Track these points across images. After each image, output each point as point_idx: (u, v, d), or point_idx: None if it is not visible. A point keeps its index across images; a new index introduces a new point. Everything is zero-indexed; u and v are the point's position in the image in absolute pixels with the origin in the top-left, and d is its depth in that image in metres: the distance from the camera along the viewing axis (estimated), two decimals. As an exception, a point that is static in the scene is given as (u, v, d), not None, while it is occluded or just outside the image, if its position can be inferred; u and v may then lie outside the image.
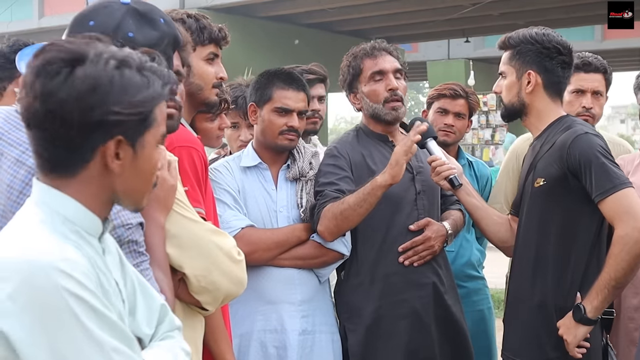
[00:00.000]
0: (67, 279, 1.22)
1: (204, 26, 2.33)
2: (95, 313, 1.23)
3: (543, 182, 2.61)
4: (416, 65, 23.66)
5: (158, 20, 1.69)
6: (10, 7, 17.05)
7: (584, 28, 19.54)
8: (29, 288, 1.20)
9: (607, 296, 2.47)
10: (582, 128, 2.62)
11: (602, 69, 3.37)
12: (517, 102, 2.72)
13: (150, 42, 1.64)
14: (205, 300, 1.86)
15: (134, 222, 1.60)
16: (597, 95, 3.36)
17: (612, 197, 2.46)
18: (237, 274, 1.88)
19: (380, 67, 2.91)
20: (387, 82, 2.90)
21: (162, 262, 1.68)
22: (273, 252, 2.78)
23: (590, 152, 2.52)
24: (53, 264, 1.22)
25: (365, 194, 2.68)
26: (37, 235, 1.27)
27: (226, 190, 2.77)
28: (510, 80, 2.73)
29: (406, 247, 2.83)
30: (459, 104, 3.55)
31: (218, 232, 1.89)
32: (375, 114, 2.92)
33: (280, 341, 2.78)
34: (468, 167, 3.61)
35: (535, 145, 2.73)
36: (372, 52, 2.93)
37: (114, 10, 1.65)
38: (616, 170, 2.52)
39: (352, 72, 2.95)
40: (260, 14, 15.91)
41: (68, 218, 1.31)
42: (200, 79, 2.31)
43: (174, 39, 1.72)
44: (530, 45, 2.70)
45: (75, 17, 1.68)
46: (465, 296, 3.35)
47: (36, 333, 1.19)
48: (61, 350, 1.20)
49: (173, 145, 2.03)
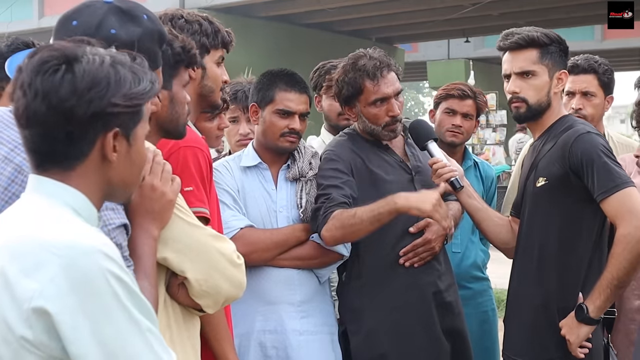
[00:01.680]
0: (110, 262, 1.26)
1: (217, 30, 2.35)
2: (132, 295, 1.28)
3: (545, 182, 2.60)
4: (416, 65, 23.68)
5: (141, 16, 1.69)
6: (10, 7, 17.07)
7: (584, 28, 19.56)
8: (74, 270, 1.23)
9: (609, 296, 2.47)
10: (584, 127, 2.61)
11: (591, 69, 3.36)
12: (545, 102, 2.67)
13: (133, 38, 1.64)
14: (206, 304, 1.87)
15: (117, 222, 1.60)
16: (587, 96, 3.36)
17: (614, 196, 2.45)
18: (237, 277, 1.88)
19: (383, 93, 2.83)
20: (388, 108, 2.83)
21: (150, 273, 1.68)
22: (272, 252, 2.77)
23: (592, 151, 2.51)
24: (97, 247, 1.27)
25: (380, 213, 2.63)
26: (71, 220, 1.32)
27: (225, 190, 2.77)
28: (542, 80, 2.65)
29: (407, 250, 2.83)
30: (467, 104, 3.52)
31: (219, 237, 1.89)
32: (372, 133, 2.88)
33: (279, 342, 2.77)
34: (474, 167, 3.59)
35: (536, 145, 2.73)
36: (374, 75, 2.81)
37: (96, 9, 1.66)
38: (618, 169, 2.51)
39: (351, 90, 2.85)
40: (260, 14, 15.92)
41: (76, 210, 1.36)
42: (213, 81, 2.32)
43: (158, 35, 1.72)
44: (558, 45, 2.69)
45: (59, 18, 1.70)
46: (471, 297, 3.35)
47: (80, 315, 1.23)
48: (103, 331, 1.24)
49: (178, 145, 2.03)
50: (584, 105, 3.35)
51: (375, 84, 2.82)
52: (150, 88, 1.39)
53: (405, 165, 2.91)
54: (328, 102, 3.34)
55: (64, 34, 1.60)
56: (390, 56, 2.98)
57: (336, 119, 3.35)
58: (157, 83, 1.44)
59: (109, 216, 1.58)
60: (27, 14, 17.61)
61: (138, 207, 1.70)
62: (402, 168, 2.90)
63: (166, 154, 1.91)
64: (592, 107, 3.37)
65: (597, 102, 3.39)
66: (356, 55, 2.89)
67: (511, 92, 2.71)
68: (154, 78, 1.42)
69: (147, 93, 1.39)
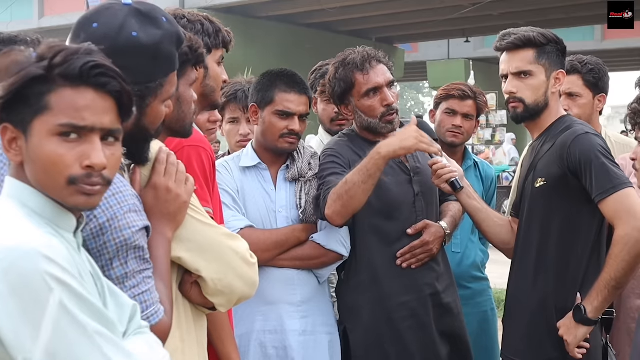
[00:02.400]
0: (51, 264, 1.24)
1: (218, 29, 2.35)
2: (78, 297, 1.26)
3: (543, 182, 2.60)
4: (416, 65, 23.67)
5: (160, 19, 1.69)
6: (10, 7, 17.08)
7: (584, 28, 19.56)
8: (14, 274, 1.21)
9: (607, 296, 2.47)
10: (582, 128, 2.61)
11: (574, 69, 3.33)
12: (543, 102, 2.67)
13: (153, 40, 1.64)
14: (220, 303, 1.88)
15: (140, 224, 1.60)
16: (572, 96, 3.35)
17: (613, 197, 2.45)
18: (251, 276, 1.90)
19: (374, 83, 2.83)
20: (382, 97, 2.84)
21: (165, 275, 1.69)
22: (272, 252, 2.78)
23: (590, 151, 2.51)
24: (37, 250, 1.24)
25: (369, 169, 2.60)
26: (17, 223, 1.30)
27: (225, 191, 2.77)
28: (539, 80, 2.66)
29: (404, 252, 2.83)
30: (468, 104, 3.52)
31: (232, 236, 1.91)
32: (370, 127, 2.88)
33: (279, 342, 2.78)
34: (474, 168, 3.59)
35: (535, 146, 2.73)
36: (363, 66, 2.83)
37: (117, 11, 1.65)
38: (616, 170, 2.51)
39: (342, 85, 2.86)
40: (260, 14, 15.92)
41: (34, 210, 1.34)
42: (214, 81, 2.33)
43: (176, 37, 1.72)
44: (555, 45, 2.69)
45: (79, 20, 1.69)
46: (470, 297, 3.36)
47: (20, 319, 1.21)
48: (45, 335, 1.21)
49: (182, 144, 2.05)
50: (570, 106, 3.34)
51: (365, 74, 2.83)
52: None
53: (404, 166, 2.91)
54: (322, 106, 3.35)
55: (84, 36, 1.60)
56: (390, 56, 2.99)
57: (329, 124, 3.35)
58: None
59: (131, 218, 1.58)
60: (27, 14, 17.61)
61: (153, 209, 1.70)
62: (401, 169, 2.90)
63: None
64: (578, 107, 3.35)
65: (584, 102, 3.37)
66: (344, 54, 2.92)
67: (508, 93, 2.71)
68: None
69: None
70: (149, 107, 1.69)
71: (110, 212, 1.55)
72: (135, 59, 1.61)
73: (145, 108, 1.67)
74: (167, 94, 1.72)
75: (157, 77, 1.68)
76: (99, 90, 1.34)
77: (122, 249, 1.55)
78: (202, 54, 1.98)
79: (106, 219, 1.54)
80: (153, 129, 1.73)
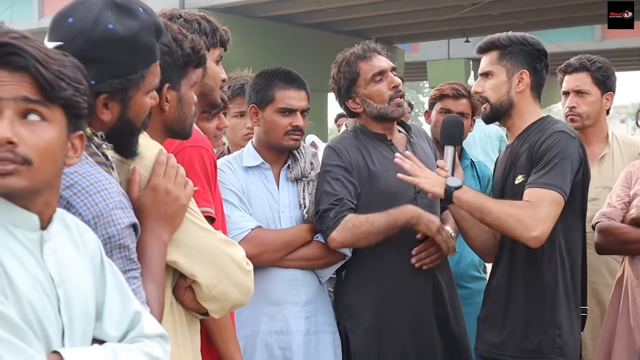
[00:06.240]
0: None
1: (216, 28, 2.36)
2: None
3: (523, 179, 2.64)
4: (416, 65, 23.68)
5: (137, 9, 1.66)
6: (10, 7, 17.08)
7: (584, 28, 19.55)
8: None
9: (471, 209, 2.59)
10: (559, 127, 2.66)
11: (583, 67, 3.40)
12: (506, 101, 2.73)
13: (131, 31, 1.61)
14: (213, 309, 1.87)
15: (126, 222, 1.56)
16: (580, 94, 3.40)
17: (541, 190, 2.51)
18: (246, 284, 1.88)
19: (379, 67, 2.89)
20: (389, 80, 2.89)
21: (157, 276, 1.66)
22: (281, 252, 2.78)
23: (556, 150, 2.56)
24: None
25: (396, 226, 2.73)
26: None
27: (232, 191, 2.77)
28: (499, 80, 2.74)
29: (419, 250, 2.84)
30: (462, 103, 3.53)
31: (229, 242, 1.89)
32: (381, 114, 2.90)
33: (285, 342, 2.78)
34: (470, 167, 3.61)
35: (514, 146, 2.75)
36: (365, 55, 2.91)
37: (92, 5, 1.62)
38: (567, 175, 2.54)
39: (348, 77, 2.91)
40: (260, 14, 15.92)
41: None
42: (212, 80, 2.32)
43: (155, 27, 1.69)
44: (522, 46, 2.75)
45: (54, 16, 1.66)
46: (469, 297, 3.37)
47: None
48: None
49: (183, 145, 2.04)
50: (578, 103, 3.40)
51: (369, 61, 2.90)
52: None
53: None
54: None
55: (60, 33, 1.59)
56: (390, 56, 3.01)
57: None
58: None
59: (117, 215, 1.54)
60: (27, 14, 17.63)
61: (150, 211, 1.68)
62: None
63: (171, 153, 1.91)
64: (587, 104, 3.40)
65: (592, 100, 3.41)
66: (343, 52, 2.98)
67: (475, 92, 2.85)
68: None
69: None
70: (132, 100, 1.65)
71: (95, 209, 1.50)
72: (114, 52, 1.59)
73: (128, 101, 1.64)
74: (149, 86, 1.69)
75: (138, 69, 1.64)
76: (5, 68, 1.26)
77: (106, 247, 1.50)
78: (204, 56, 1.97)
79: (91, 216, 1.50)
80: (139, 122, 1.70)
